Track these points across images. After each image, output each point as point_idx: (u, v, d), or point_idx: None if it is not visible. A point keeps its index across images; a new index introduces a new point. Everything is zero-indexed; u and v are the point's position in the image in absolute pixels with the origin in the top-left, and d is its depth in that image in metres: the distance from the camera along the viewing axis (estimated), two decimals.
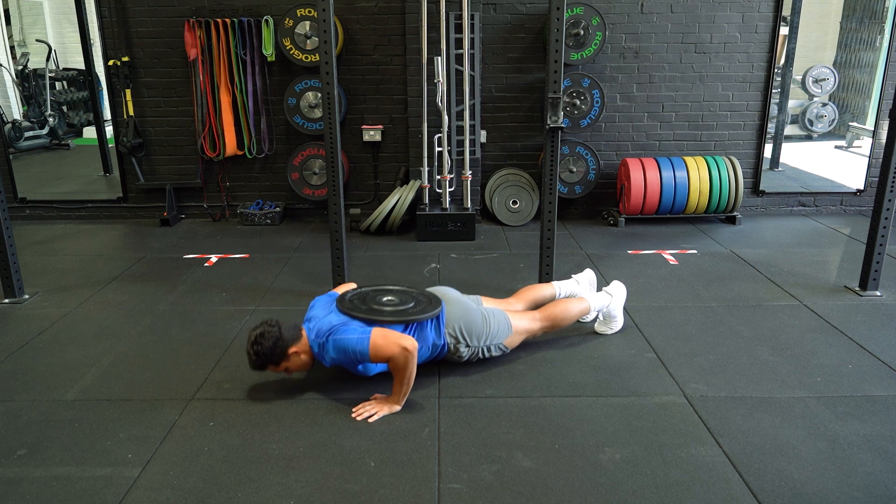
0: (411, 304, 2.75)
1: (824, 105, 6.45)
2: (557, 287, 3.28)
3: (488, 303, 3.02)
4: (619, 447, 2.30)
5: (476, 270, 4.17)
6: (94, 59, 5.92)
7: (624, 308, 3.28)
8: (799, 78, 6.34)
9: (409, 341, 2.47)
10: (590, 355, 3.00)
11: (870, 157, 5.39)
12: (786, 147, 6.10)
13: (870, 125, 5.78)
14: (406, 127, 5.20)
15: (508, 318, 2.89)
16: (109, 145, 6.10)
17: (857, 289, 3.71)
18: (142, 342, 3.17)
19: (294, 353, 2.58)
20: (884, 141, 3.46)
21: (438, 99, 4.78)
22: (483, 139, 5.23)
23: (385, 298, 2.80)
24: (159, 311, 3.54)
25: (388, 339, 2.48)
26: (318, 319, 2.67)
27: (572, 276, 3.38)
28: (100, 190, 6.13)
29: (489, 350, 2.84)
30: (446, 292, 2.92)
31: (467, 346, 2.77)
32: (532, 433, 2.39)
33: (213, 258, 4.44)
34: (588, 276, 3.37)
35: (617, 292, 3.20)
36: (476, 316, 2.81)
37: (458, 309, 2.80)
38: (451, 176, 4.99)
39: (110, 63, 5.10)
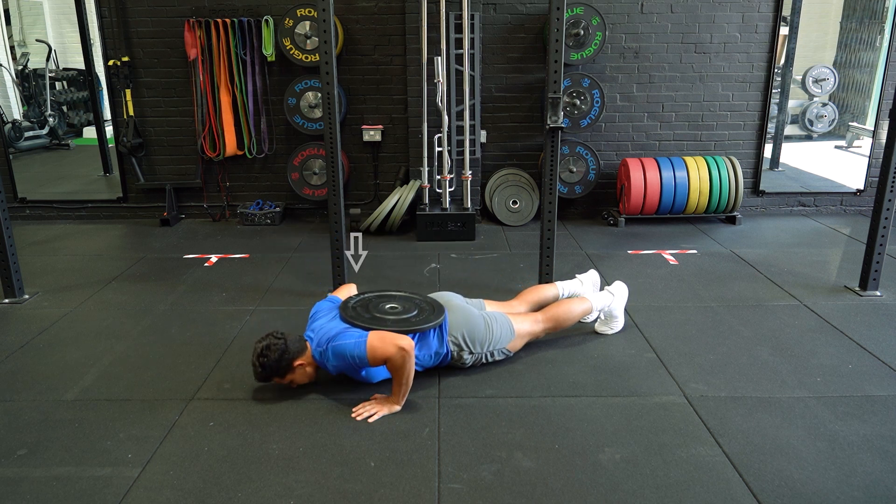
0: (414, 313, 2.75)
1: (824, 105, 6.44)
2: (561, 287, 3.28)
3: (491, 306, 3.02)
4: (619, 447, 2.30)
5: (476, 270, 4.17)
6: (94, 59, 5.91)
7: (624, 308, 3.28)
8: (799, 78, 6.32)
9: (406, 341, 2.48)
10: (590, 355, 3.00)
11: (870, 157, 5.39)
12: (786, 147, 6.09)
13: (870, 125, 5.78)
14: (406, 127, 5.20)
15: (511, 322, 2.88)
16: (109, 145, 6.09)
17: (857, 289, 3.71)
18: (142, 342, 3.17)
19: (299, 365, 2.59)
20: (884, 141, 3.46)
21: (438, 99, 4.77)
22: (483, 139, 5.23)
23: (388, 306, 2.81)
24: (159, 311, 3.54)
25: (385, 341, 2.48)
26: (320, 328, 2.67)
27: (576, 275, 3.39)
28: (100, 190, 6.13)
29: (492, 355, 2.84)
30: (449, 298, 2.92)
31: (471, 353, 2.77)
32: (532, 433, 2.39)
33: (213, 258, 4.44)
34: (592, 277, 3.37)
35: (619, 292, 3.20)
36: (479, 322, 2.80)
37: (461, 316, 2.80)
38: (451, 176, 4.99)
39: (110, 63, 5.10)
